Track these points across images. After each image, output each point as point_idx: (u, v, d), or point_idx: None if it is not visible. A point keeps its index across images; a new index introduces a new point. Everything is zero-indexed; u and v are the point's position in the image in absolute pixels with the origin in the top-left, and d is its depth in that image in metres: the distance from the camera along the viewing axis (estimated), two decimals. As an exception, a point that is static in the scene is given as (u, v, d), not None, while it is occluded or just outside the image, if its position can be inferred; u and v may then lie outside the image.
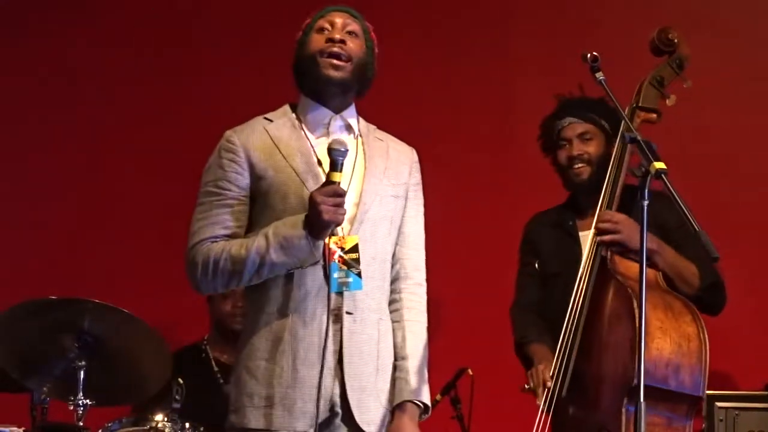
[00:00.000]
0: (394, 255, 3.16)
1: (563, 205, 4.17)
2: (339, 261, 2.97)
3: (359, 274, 2.99)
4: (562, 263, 3.99)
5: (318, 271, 3.00)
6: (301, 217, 2.95)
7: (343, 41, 3.10)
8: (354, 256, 2.99)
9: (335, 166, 2.96)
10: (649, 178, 3.08)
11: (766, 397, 4.24)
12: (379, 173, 3.11)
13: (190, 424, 4.18)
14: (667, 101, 3.95)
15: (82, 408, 4.16)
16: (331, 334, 2.97)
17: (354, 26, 3.16)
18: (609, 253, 3.78)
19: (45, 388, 4.36)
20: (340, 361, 3.00)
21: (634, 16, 5.33)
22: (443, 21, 5.61)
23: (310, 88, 3.15)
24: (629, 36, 5.20)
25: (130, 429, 4.32)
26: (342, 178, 2.97)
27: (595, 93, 3.87)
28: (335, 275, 2.96)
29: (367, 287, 3.04)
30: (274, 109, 3.28)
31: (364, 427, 3.01)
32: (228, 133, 3.16)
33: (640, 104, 3.94)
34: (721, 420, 4.16)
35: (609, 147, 3.99)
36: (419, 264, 3.21)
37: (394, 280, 3.16)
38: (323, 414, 2.98)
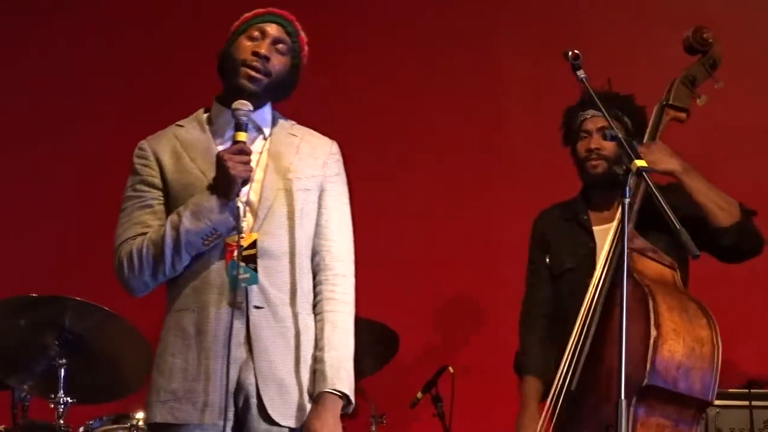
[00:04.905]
0: (313, 247, 3.17)
1: (575, 199, 4.09)
2: (237, 258, 3.02)
3: (255, 269, 3.02)
4: (576, 258, 3.93)
5: (221, 269, 3.04)
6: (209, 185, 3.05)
7: (267, 58, 3.13)
8: (252, 252, 3.04)
9: (240, 126, 3.05)
10: (630, 175, 3.07)
11: (747, 395, 4.26)
12: (283, 169, 3.14)
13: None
14: (698, 101, 3.91)
15: (63, 406, 4.15)
16: (239, 327, 3.01)
17: (284, 43, 3.17)
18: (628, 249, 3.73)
19: (26, 386, 4.36)
20: (252, 354, 3.03)
21: (620, 11, 5.34)
22: (431, 12, 5.62)
23: (226, 90, 3.18)
24: (617, 30, 5.24)
25: (111, 427, 4.32)
26: (247, 138, 3.05)
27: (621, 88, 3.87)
28: (234, 272, 3.01)
29: (278, 281, 3.07)
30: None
31: (279, 420, 3.01)
32: (140, 141, 3.23)
33: (670, 102, 3.88)
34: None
35: None
36: (339, 255, 3.18)
37: (316, 273, 3.17)
38: (234, 406, 3.01)
